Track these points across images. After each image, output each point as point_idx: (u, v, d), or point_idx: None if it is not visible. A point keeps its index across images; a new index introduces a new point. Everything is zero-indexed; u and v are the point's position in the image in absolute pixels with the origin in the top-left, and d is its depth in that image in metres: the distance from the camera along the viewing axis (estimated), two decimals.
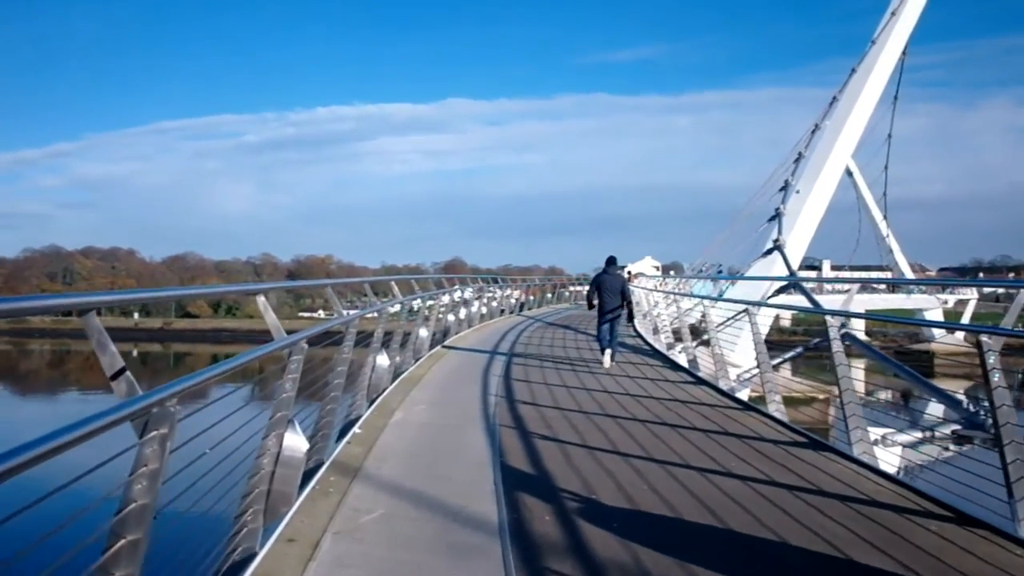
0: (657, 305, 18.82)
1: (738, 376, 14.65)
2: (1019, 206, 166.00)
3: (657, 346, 17.31)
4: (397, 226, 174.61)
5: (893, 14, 38.47)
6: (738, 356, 16.04)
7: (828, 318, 8.18)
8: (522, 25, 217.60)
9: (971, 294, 71.51)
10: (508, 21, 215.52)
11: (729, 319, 15.19)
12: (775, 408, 9.28)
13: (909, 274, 55.77)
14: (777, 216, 27.32)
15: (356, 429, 7.92)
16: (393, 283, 12.88)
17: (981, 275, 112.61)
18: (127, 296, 4.53)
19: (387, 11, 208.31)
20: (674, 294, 17.91)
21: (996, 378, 5.18)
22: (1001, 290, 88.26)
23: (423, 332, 14.01)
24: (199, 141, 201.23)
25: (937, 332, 50.37)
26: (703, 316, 14.02)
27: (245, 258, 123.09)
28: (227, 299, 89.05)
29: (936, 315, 58.67)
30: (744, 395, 12.91)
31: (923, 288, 60.73)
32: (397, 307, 12.35)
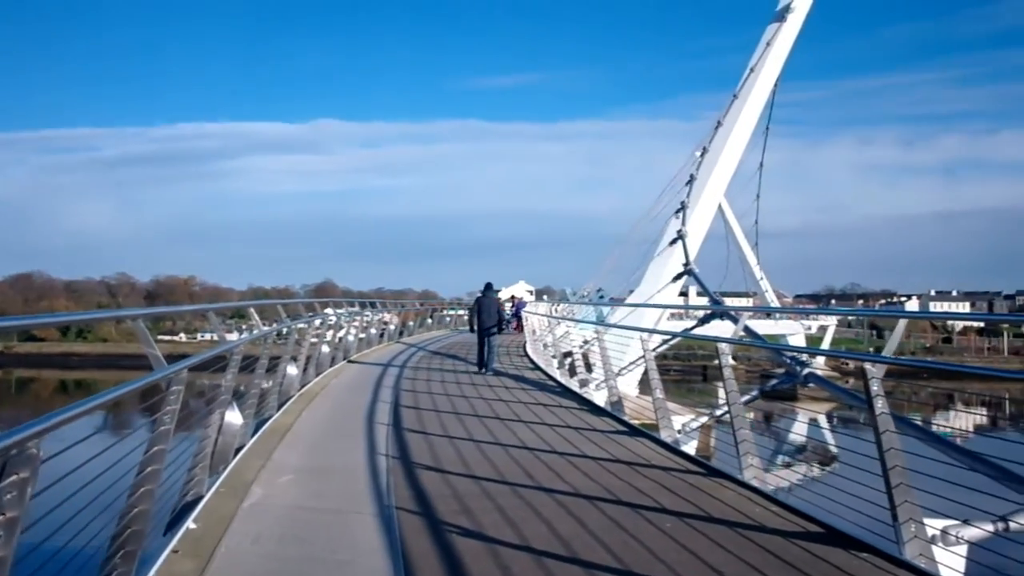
0: (568, 335, 17.00)
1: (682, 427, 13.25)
2: (866, 238, 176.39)
3: (563, 380, 15.34)
4: (265, 247, 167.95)
5: (768, 44, 39.58)
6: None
7: (721, 345, 8.45)
8: (397, 48, 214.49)
9: (831, 320, 74.64)
10: (382, 44, 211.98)
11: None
12: (668, 435, 9.11)
13: (775, 301, 57.58)
14: (680, 238, 26.13)
15: (190, 523, 5.46)
16: (252, 309, 10.28)
17: (833, 302, 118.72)
18: None
19: (256, 28, 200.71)
20: (589, 324, 16.31)
21: (879, 404, 5.29)
22: (852, 317, 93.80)
23: (291, 369, 11.48)
24: (50, 154, 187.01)
25: (802, 357, 51.49)
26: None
27: (99, 277, 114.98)
28: (78, 321, 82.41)
29: (799, 340, 60.88)
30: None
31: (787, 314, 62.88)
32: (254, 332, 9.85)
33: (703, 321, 13.01)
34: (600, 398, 13.17)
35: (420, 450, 8.40)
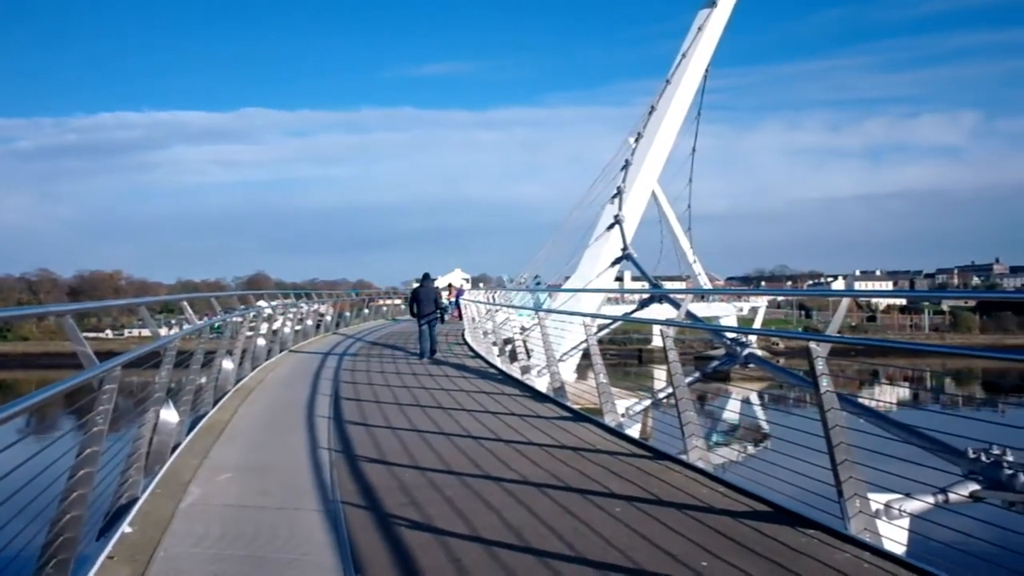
0: (508, 322, 16.94)
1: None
2: (794, 221, 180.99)
3: (504, 368, 15.26)
4: (194, 240, 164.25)
5: (700, 29, 40.15)
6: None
7: (664, 328, 8.24)
8: (324, 36, 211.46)
9: (761, 302, 76.66)
10: (309, 31, 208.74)
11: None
12: (612, 419, 9.11)
13: (707, 284, 58.69)
14: (617, 223, 26.25)
15: (126, 527, 5.23)
16: (185, 302, 9.92)
17: (763, 284, 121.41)
18: None
19: (178, 13, 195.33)
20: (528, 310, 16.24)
21: (824, 383, 5.37)
22: (781, 297, 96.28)
23: (227, 363, 11.17)
24: None
25: (742, 338, 52.70)
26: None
27: (19, 274, 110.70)
28: None
29: (731, 321, 62.29)
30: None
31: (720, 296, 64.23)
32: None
33: (642, 305, 13.10)
34: (542, 384, 13.17)
35: (363, 443, 8.24)
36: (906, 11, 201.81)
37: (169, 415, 6.57)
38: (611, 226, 27.07)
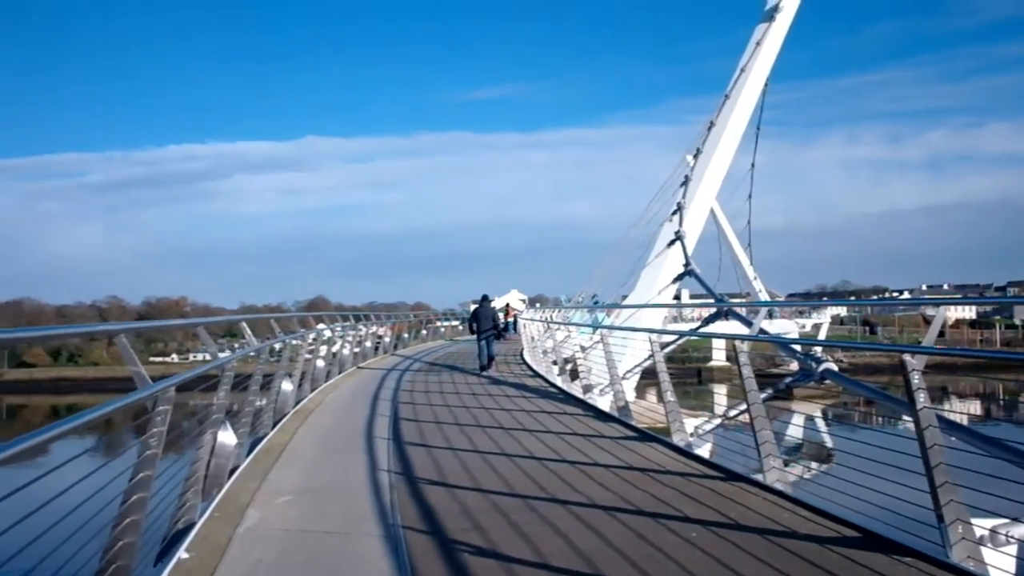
0: (568, 340, 16.59)
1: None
2: (855, 235, 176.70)
3: (565, 386, 14.93)
4: (256, 266, 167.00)
5: (758, 44, 39.60)
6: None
7: (739, 344, 7.72)
8: (381, 64, 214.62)
9: (824, 318, 74.79)
10: (367, 59, 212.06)
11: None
12: (680, 439, 8.73)
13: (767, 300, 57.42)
14: (678, 239, 25.73)
15: (182, 553, 5.07)
16: (243, 323, 9.85)
17: (824, 299, 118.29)
18: None
19: (241, 48, 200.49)
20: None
21: (922, 399, 4.95)
22: (844, 312, 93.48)
23: (286, 385, 11.08)
24: (37, 181, 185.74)
25: (817, 353, 51.33)
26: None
27: (90, 302, 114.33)
28: (68, 345, 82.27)
29: (795, 337, 60.63)
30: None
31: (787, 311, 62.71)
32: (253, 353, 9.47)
33: (707, 321, 12.65)
34: (605, 403, 12.81)
35: (423, 464, 8.02)
36: (966, 20, 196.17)
37: (227, 437, 6.42)
38: (671, 242, 26.51)
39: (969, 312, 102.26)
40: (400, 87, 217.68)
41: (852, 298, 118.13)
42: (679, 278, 22.99)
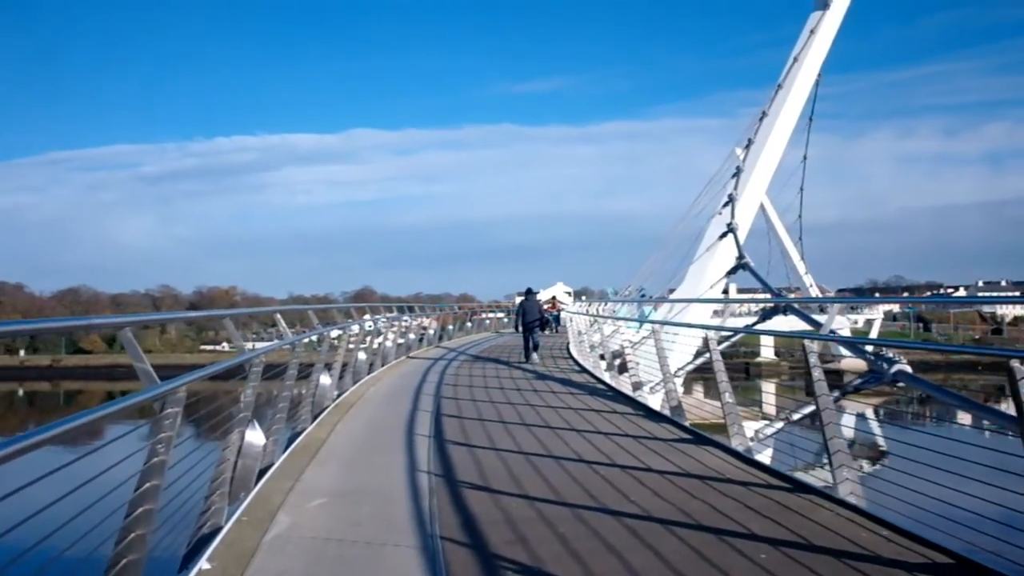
0: (616, 334, 16.04)
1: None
2: (908, 230, 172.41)
3: (614, 383, 14.37)
4: (304, 257, 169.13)
5: (812, 32, 38.62)
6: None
7: (807, 343, 7.20)
8: (427, 56, 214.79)
9: (877, 314, 72.86)
10: (413, 52, 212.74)
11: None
12: (739, 443, 8.16)
13: (818, 295, 55.86)
14: (731, 231, 24.91)
15: (204, 563, 4.68)
16: (278, 315, 9.49)
17: (876, 295, 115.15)
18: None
19: (291, 40, 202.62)
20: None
21: None
22: (897, 308, 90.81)
23: (324, 379, 10.72)
24: (94, 172, 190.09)
25: (844, 351, 50.12)
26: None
27: (143, 290, 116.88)
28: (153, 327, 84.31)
29: (846, 334, 59.02)
30: None
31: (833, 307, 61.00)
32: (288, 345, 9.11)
33: (764, 316, 12.00)
34: (655, 402, 12.26)
35: (465, 466, 7.57)
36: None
37: (255, 436, 6.01)
38: (723, 235, 25.67)
39: None
40: (446, 80, 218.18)
41: (904, 294, 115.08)
42: (732, 271, 22.17)
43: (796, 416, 9.69)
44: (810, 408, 8.41)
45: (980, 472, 4.96)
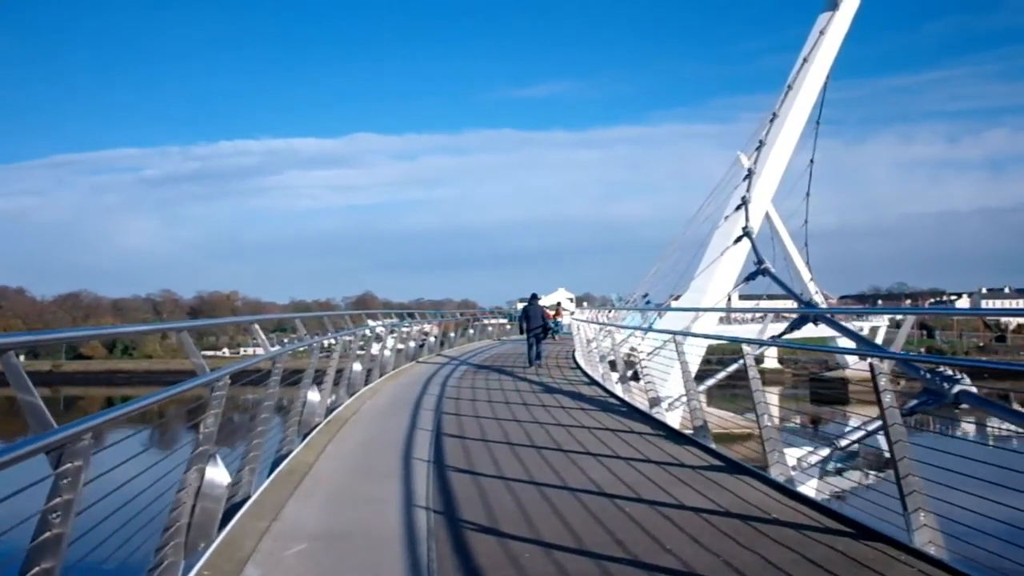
0: (627, 344, 15.06)
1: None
2: (910, 236, 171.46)
3: (625, 396, 13.39)
4: (305, 261, 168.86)
5: (821, 33, 37.89)
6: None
7: (875, 362, 5.87)
8: (430, 61, 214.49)
9: (881, 321, 72.07)
10: (415, 57, 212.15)
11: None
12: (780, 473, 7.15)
13: (822, 302, 54.92)
14: (746, 235, 23.88)
15: None
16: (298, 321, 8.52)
17: (880, 303, 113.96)
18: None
19: (292, 45, 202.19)
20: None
21: None
22: (899, 316, 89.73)
23: (312, 395, 9.74)
24: (97, 175, 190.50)
25: (850, 360, 49.27)
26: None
27: (144, 295, 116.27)
28: (123, 339, 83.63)
29: (849, 342, 58.01)
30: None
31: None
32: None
33: (793, 326, 11.09)
34: (674, 420, 11.28)
35: (469, 500, 6.60)
36: None
37: (217, 474, 5.01)
38: (738, 239, 24.65)
39: None
40: (448, 85, 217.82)
41: (907, 301, 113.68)
42: (751, 277, 21.13)
43: (844, 441, 8.69)
44: (859, 433, 7.44)
45: None
